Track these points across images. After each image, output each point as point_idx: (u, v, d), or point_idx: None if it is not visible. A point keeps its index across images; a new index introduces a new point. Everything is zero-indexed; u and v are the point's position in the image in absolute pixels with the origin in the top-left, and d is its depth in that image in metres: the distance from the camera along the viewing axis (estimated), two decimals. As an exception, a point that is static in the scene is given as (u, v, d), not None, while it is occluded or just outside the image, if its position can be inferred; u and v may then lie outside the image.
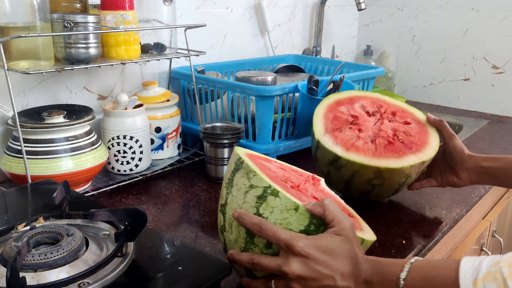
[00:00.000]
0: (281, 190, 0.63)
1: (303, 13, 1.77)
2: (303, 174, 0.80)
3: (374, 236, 0.70)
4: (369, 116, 0.96)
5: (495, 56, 1.74)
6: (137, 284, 0.58)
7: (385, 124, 0.94)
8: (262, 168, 0.69)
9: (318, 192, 0.75)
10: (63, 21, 0.94)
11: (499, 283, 0.47)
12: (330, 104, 0.99)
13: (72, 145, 0.95)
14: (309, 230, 0.63)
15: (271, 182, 0.64)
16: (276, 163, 0.78)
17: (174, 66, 1.31)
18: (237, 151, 0.71)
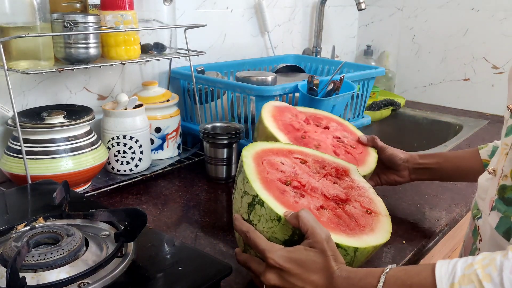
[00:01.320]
0: (266, 200, 0.65)
1: (303, 13, 1.77)
2: (330, 164, 0.81)
3: (382, 238, 0.69)
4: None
5: (495, 56, 1.74)
6: (137, 284, 0.58)
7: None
8: (262, 171, 0.71)
9: (334, 189, 0.75)
10: (63, 21, 0.94)
11: (475, 285, 0.48)
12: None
13: (72, 145, 0.95)
14: (293, 240, 0.64)
15: (259, 190, 0.66)
16: (298, 154, 0.80)
17: (174, 66, 1.31)
18: (243, 151, 0.73)
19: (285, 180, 0.73)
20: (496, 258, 0.49)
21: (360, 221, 0.71)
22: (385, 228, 0.72)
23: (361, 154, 0.91)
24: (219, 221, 0.91)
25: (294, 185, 0.73)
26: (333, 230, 0.67)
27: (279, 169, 0.75)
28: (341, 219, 0.70)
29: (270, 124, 0.88)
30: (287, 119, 0.93)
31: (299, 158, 0.80)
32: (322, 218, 0.69)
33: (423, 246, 0.85)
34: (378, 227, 0.72)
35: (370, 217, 0.74)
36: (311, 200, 0.72)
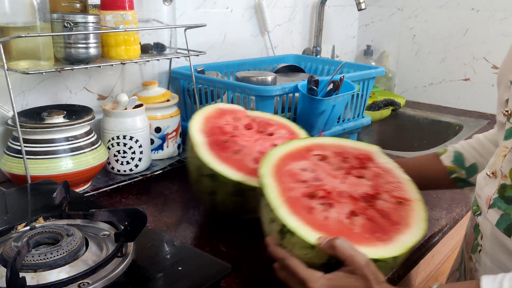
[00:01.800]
0: (296, 229, 0.64)
1: (303, 13, 1.77)
2: (350, 153, 0.80)
3: (418, 234, 0.67)
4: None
5: (495, 56, 1.74)
6: (137, 284, 0.58)
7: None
8: (284, 190, 0.70)
9: (361, 185, 0.74)
10: (63, 21, 0.94)
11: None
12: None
13: (72, 145, 0.95)
14: (330, 264, 0.63)
15: (286, 218, 0.65)
16: (317, 149, 0.80)
17: (174, 66, 1.31)
18: (261, 170, 0.73)
19: (309, 193, 0.71)
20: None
21: (394, 217, 0.69)
22: (420, 217, 0.70)
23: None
24: (219, 221, 0.91)
25: (320, 195, 0.71)
26: (368, 241, 0.65)
27: (300, 180, 0.74)
28: (374, 223, 0.68)
29: (193, 125, 0.88)
30: (221, 122, 0.92)
31: (318, 154, 0.80)
32: (355, 229, 0.67)
33: (423, 246, 0.85)
34: (413, 219, 0.70)
35: (402, 208, 0.72)
36: (341, 208, 0.70)
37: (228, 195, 0.82)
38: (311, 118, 1.14)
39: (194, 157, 0.84)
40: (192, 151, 0.85)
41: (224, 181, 0.80)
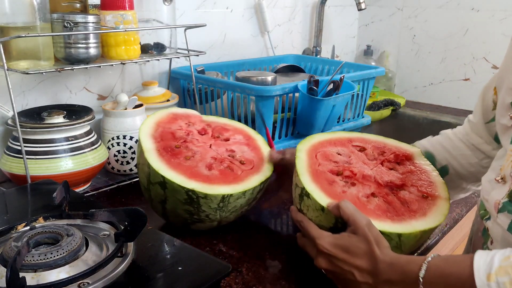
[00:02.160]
0: (312, 192, 0.72)
1: (303, 13, 1.77)
2: (390, 150, 0.84)
3: (432, 222, 0.71)
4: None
5: (495, 56, 1.74)
6: (137, 284, 0.58)
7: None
8: (313, 164, 0.78)
9: (390, 175, 0.79)
10: (63, 21, 0.94)
11: (510, 276, 0.50)
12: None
13: (72, 145, 0.95)
14: (337, 227, 0.69)
15: (306, 183, 0.74)
16: (358, 141, 0.86)
17: (174, 66, 1.31)
18: (298, 145, 0.81)
19: (336, 171, 0.78)
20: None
21: (413, 206, 0.73)
22: (440, 211, 0.74)
23: (247, 171, 0.83)
24: (219, 221, 0.91)
25: (345, 175, 0.78)
26: (377, 217, 0.70)
27: (332, 160, 0.81)
28: (391, 206, 0.73)
29: (143, 130, 0.84)
30: (174, 126, 0.88)
31: (358, 145, 0.86)
32: (369, 206, 0.72)
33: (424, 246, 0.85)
34: (432, 211, 0.74)
35: (425, 201, 0.75)
36: (362, 188, 0.76)
37: (179, 203, 0.78)
38: (311, 118, 1.14)
39: (144, 164, 0.80)
40: (141, 157, 0.81)
41: (175, 189, 0.76)
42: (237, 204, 0.80)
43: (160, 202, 0.81)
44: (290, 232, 0.87)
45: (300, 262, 0.77)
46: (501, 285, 0.51)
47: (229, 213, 0.82)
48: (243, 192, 0.79)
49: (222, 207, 0.79)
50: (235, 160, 0.85)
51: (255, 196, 0.84)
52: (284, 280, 0.72)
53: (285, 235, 0.87)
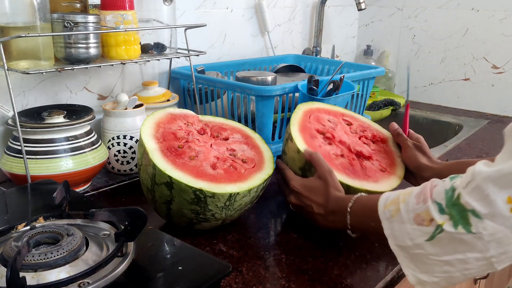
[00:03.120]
0: (295, 137, 0.88)
1: (303, 13, 1.77)
2: (372, 130, 1.00)
3: (378, 187, 0.86)
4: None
5: (495, 56, 1.74)
6: (137, 284, 0.58)
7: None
8: (304, 121, 0.94)
9: (362, 147, 0.94)
10: (63, 21, 0.94)
11: (396, 205, 0.64)
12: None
13: (72, 145, 0.95)
14: (305, 168, 0.87)
15: (293, 131, 0.90)
16: (349, 117, 1.02)
17: (174, 66, 1.31)
18: (300, 104, 0.98)
19: (321, 131, 0.94)
20: (415, 189, 0.63)
21: (369, 173, 0.89)
22: (389, 184, 0.89)
23: (250, 169, 0.85)
24: (219, 221, 0.91)
25: (326, 136, 0.93)
26: (338, 170, 0.86)
27: (321, 123, 0.96)
28: (352, 167, 0.89)
29: (144, 131, 0.84)
30: (174, 126, 0.88)
31: (347, 120, 1.01)
32: (335, 162, 0.89)
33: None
34: (383, 181, 0.89)
35: (381, 173, 0.91)
36: (335, 149, 0.92)
37: (186, 203, 0.78)
38: (311, 118, 1.14)
39: (148, 165, 0.80)
40: (144, 158, 0.81)
41: (182, 189, 0.76)
42: (242, 202, 0.81)
43: (165, 203, 0.81)
44: (290, 232, 0.87)
45: (300, 262, 0.77)
46: (391, 212, 0.64)
47: (234, 211, 0.82)
48: (249, 190, 0.80)
49: (228, 205, 0.80)
50: (237, 159, 0.86)
51: (258, 193, 0.85)
52: (284, 280, 0.72)
53: (285, 235, 0.87)
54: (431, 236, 0.58)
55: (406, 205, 0.62)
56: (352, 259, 0.78)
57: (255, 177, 0.83)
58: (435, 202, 0.59)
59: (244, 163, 0.86)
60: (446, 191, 0.58)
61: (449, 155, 1.32)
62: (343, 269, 0.75)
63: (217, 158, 0.84)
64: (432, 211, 0.58)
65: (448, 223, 0.56)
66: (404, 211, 0.62)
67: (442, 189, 0.59)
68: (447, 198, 0.57)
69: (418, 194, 0.62)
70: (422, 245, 0.59)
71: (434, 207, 0.58)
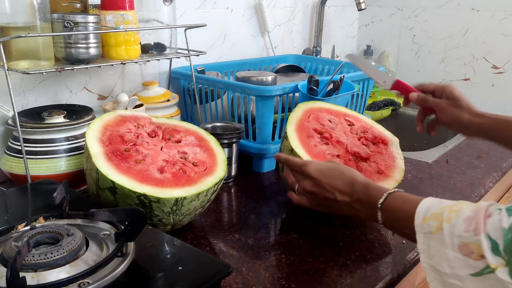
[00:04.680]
0: (290, 137, 0.90)
1: (303, 13, 1.77)
2: (373, 132, 1.00)
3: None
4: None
5: (495, 56, 1.74)
6: (137, 284, 0.58)
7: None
8: (303, 120, 0.95)
9: (360, 148, 0.94)
10: (63, 21, 0.94)
11: (438, 222, 0.57)
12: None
13: (72, 145, 0.95)
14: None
15: (289, 129, 0.92)
16: (351, 118, 1.02)
17: (174, 66, 1.31)
18: (300, 104, 0.99)
19: (319, 130, 0.95)
20: (464, 208, 0.56)
21: (364, 174, 0.84)
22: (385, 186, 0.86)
23: (200, 173, 0.82)
24: (219, 221, 0.91)
25: (324, 136, 0.94)
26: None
27: (320, 122, 0.97)
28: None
29: (89, 134, 0.82)
30: (123, 129, 0.86)
31: (349, 120, 1.01)
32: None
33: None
34: (378, 182, 0.84)
35: (377, 175, 0.90)
36: (332, 149, 0.92)
37: None
38: (311, 118, 1.14)
39: (92, 169, 0.78)
40: (88, 162, 0.79)
41: (125, 194, 0.74)
42: (190, 207, 0.79)
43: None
44: (290, 232, 0.87)
45: (300, 262, 0.77)
46: (431, 227, 0.57)
47: (183, 216, 0.80)
48: (197, 194, 0.78)
49: (176, 210, 0.77)
50: (187, 162, 0.83)
51: (209, 197, 0.82)
52: (284, 280, 0.72)
53: (285, 235, 0.87)
54: (478, 273, 0.51)
55: (451, 227, 0.55)
56: (352, 259, 0.78)
57: (205, 181, 0.80)
58: (490, 238, 0.51)
59: (195, 166, 0.83)
60: (504, 231, 0.50)
61: (449, 155, 1.32)
62: (343, 269, 0.75)
63: (166, 162, 0.82)
64: (485, 248, 0.51)
65: (502, 269, 0.49)
66: (448, 233, 0.55)
67: (499, 226, 0.51)
68: (506, 240, 0.50)
69: (468, 218, 0.54)
70: (464, 278, 0.53)
71: (487, 244, 0.51)
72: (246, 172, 1.15)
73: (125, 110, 0.98)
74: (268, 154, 1.14)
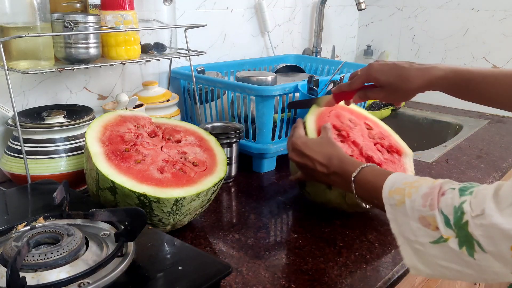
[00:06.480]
0: (308, 127, 0.92)
1: (303, 13, 1.77)
2: (390, 140, 1.00)
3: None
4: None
5: (495, 56, 1.74)
6: (137, 284, 0.58)
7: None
8: (324, 114, 0.97)
9: (374, 153, 0.93)
10: (63, 21, 0.94)
11: (401, 196, 0.63)
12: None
13: (72, 145, 0.95)
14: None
15: (309, 119, 0.94)
16: (371, 122, 1.04)
17: (174, 66, 1.31)
18: (323, 97, 0.99)
19: (338, 127, 0.95)
20: (423, 185, 0.62)
21: None
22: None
23: (200, 173, 0.82)
24: (219, 221, 0.91)
25: (341, 133, 0.94)
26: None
27: (340, 120, 0.98)
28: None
29: (89, 134, 0.82)
30: (123, 129, 0.86)
31: (368, 124, 1.02)
32: None
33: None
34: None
35: None
36: (346, 147, 0.92)
37: None
38: (311, 118, 1.14)
39: (92, 169, 0.78)
40: (88, 162, 0.79)
41: (125, 194, 0.74)
42: (190, 206, 0.79)
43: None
44: (290, 232, 0.87)
45: (300, 262, 0.77)
46: (395, 200, 0.64)
47: (183, 216, 0.80)
48: (197, 194, 0.78)
49: (176, 210, 0.77)
50: (187, 162, 0.83)
51: (209, 197, 0.83)
52: (284, 280, 0.72)
53: (285, 235, 0.87)
54: (435, 241, 0.58)
55: (411, 202, 0.61)
56: (352, 259, 0.78)
57: (205, 181, 0.81)
58: (442, 213, 0.57)
59: (195, 166, 0.83)
60: (455, 208, 0.56)
61: (449, 155, 1.32)
62: (343, 269, 0.75)
63: (166, 162, 0.82)
64: (439, 222, 0.57)
65: (453, 240, 0.56)
66: (409, 207, 0.61)
67: (450, 203, 0.57)
68: (455, 218, 0.56)
69: (425, 195, 0.60)
70: (425, 245, 0.59)
71: (440, 218, 0.57)
72: (246, 172, 1.15)
73: (125, 110, 0.98)
74: (268, 154, 1.14)
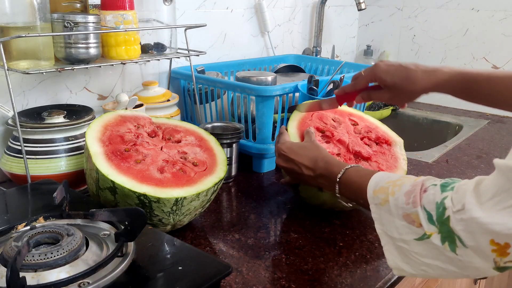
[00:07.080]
0: (290, 133, 0.93)
1: (303, 13, 1.77)
2: (377, 132, 1.00)
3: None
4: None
5: (495, 56, 1.74)
6: (137, 284, 0.58)
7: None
8: (306, 118, 0.97)
9: (362, 148, 0.95)
10: (63, 21, 0.94)
11: (385, 195, 0.64)
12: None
13: (72, 145, 0.95)
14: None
15: (290, 125, 0.95)
16: (356, 117, 1.02)
17: (174, 66, 1.31)
18: (302, 103, 0.99)
19: (321, 129, 0.96)
20: (405, 183, 0.63)
21: None
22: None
23: (200, 173, 0.82)
24: (219, 221, 0.91)
25: (326, 134, 0.95)
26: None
27: (323, 121, 0.98)
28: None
29: (89, 134, 0.82)
30: (123, 129, 0.86)
31: (353, 120, 1.02)
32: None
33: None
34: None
35: None
36: (332, 147, 0.93)
37: None
38: (311, 118, 1.14)
39: (92, 169, 0.78)
40: (88, 162, 0.79)
41: (125, 194, 0.74)
42: (190, 206, 0.79)
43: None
44: (290, 232, 0.87)
45: (300, 262, 0.77)
46: (380, 199, 0.64)
47: (183, 216, 0.80)
48: (197, 194, 0.78)
49: (176, 210, 0.77)
50: (187, 162, 0.83)
51: (209, 197, 0.83)
52: (284, 280, 0.72)
53: (285, 235, 0.87)
54: (419, 238, 0.59)
55: (395, 200, 0.62)
56: (352, 259, 0.78)
57: (205, 181, 0.81)
58: (425, 210, 0.58)
59: (195, 166, 0.83)
60: (437, 204, 0.57)
61: (449, 155, 1.32)
62: (343, 269, 0.75)
63: (166, 162, 0.82)
64: (422, 218, 0.58)
65: (436, 236, 0.57)
66: (393, 205, 0.62)
67: (432, 199, 0.58)
68: (438, 213, 0.57)
69: (408, 192, 0.61)
70: (409, 242, 0.60)
71: (423, 214, 0.58)
72: (246, 172, 1.15)
73: (125, 110, 0.98)
74: (268, 154, 1.14)
